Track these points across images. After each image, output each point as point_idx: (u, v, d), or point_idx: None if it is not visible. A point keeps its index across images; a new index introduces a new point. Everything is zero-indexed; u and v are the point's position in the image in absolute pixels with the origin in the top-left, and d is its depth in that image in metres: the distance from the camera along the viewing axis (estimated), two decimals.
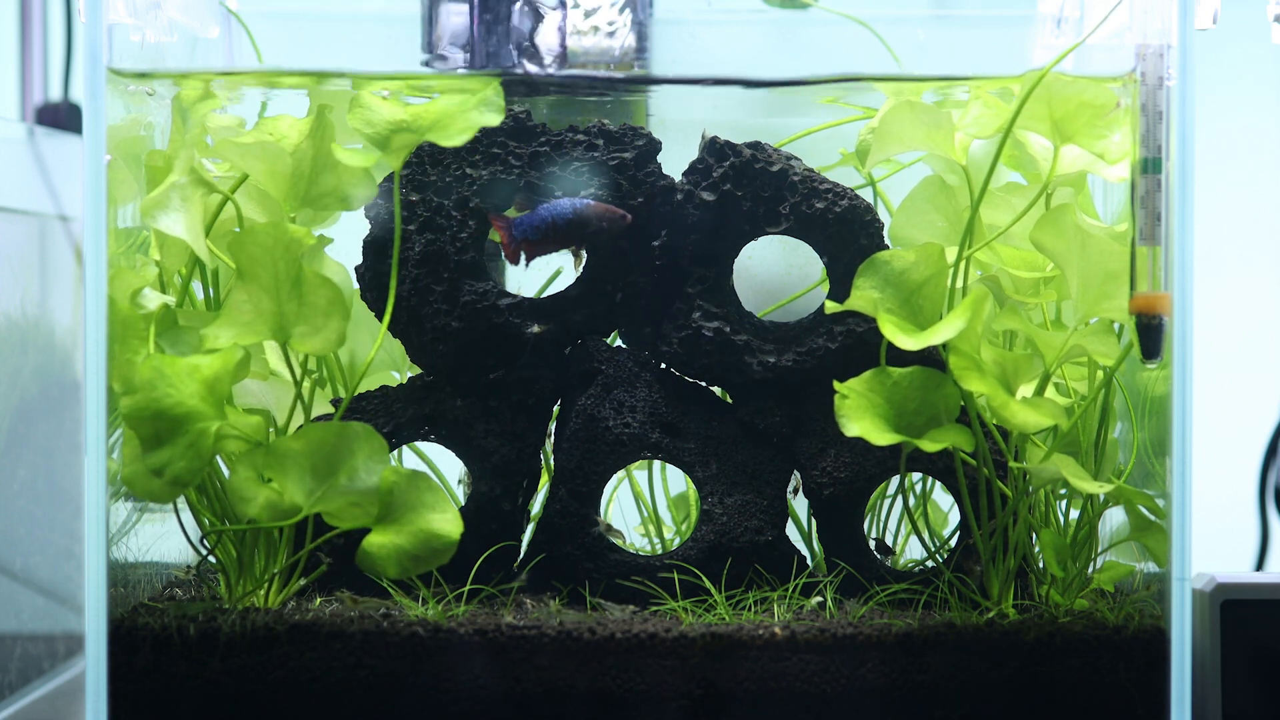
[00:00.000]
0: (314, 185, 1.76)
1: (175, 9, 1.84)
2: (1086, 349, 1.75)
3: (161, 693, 1.66)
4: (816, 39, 2.01)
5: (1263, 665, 1.75)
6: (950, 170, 1.86)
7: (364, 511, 1.66)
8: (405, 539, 1.67)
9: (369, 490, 1.66)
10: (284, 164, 1.75)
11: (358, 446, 1.67)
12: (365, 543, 1.66)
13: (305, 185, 1.76)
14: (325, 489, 1.67)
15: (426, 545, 1.67)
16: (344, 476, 1.67)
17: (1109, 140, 1.70)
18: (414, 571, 1.67)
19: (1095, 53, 1.79)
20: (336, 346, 1.69)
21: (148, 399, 1.63)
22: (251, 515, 1.66)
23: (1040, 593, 1.79)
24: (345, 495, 1.66)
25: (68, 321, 2.28)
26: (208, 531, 1.76)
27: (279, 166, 1.75)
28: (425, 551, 1.67)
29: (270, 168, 1.75)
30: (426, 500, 1.69)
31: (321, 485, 1.67)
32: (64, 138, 2.33)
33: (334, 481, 1.67)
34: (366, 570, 1.66)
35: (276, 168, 1.75)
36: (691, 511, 2.02)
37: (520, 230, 1.78)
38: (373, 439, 1.67)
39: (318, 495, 1.67)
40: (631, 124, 1.83)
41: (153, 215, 1.68)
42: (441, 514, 1.68)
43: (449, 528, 1.68)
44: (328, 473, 1.67)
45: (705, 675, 1.67)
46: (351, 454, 1.67)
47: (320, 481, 1.67)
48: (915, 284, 1.74)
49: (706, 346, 1.81)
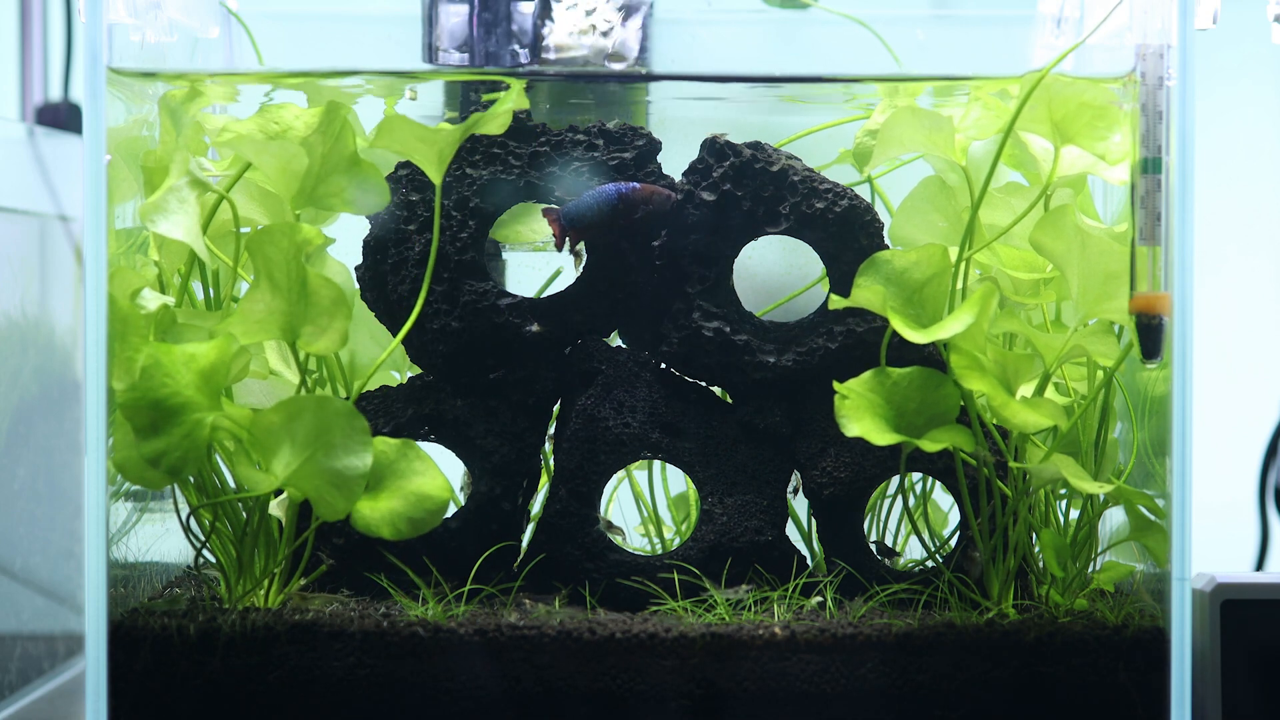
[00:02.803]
0: (322, 184, 1.75)
1: (175, 9, 1.84)
2: (1086, 349, 1.75)
3: (161, 693, 1.66)
4: (816, 39, 2.01)
5: (1263, 665, 1.75)
6: (950, 170, 1.86)
7: (348, 494, 1.67)
8: (398, 502, 1.69)
9: (354, 471, 1.67)
10: (299, 162, 1.73)
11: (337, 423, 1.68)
12: (359, 506, 1.67)
13: (314, 183, 1.75)
14: (304, 462, 1.67)
15: (419, 506, 1.69)
16: (322, 452, 1.67)
17: (1109, 141, 1.70)
18: (408, 533, 1.69)
19: (1095, 53, 1.79)
20: (339, 347, 1.69)
21: (144, 388, 1.63)
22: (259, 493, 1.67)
23: (1040, 593, 1.79)
24: (327, 473, 1.67)
25: (68, 321, 2.28)
26: (192, 512, 1.75)
27: (293, 165, 1.73)
28: (419, 513, 1.69)
29: (283, 165, 1.73)
30: (416, 468, 1.71)
31: (300, 458, 1.67)
32: (64, 138, 2.33)
33: (314, 455, 1.67)
34: (362, 531, 1.68)
35: (290, 166, 1.73)
36: (691, 511, 2.02)
37: (567, 218, 1.78)
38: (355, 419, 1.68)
39: (294, 469, 1.67)
40: (631, 124, 1.83)
41: (152, 219, 1.68)
42: (430, 478, 1.71)
43: (437, 490, 1.70)
44: (311, 446, 1.68)
45: (705, 675, 1.67)
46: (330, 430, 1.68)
47: (300, 453, 1.67)
48: (917, 283, 1.74)
49: (706, 346, 1.81)
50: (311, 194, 1.75)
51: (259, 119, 1.76)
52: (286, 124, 1.76)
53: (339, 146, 1.74)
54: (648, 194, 1.78)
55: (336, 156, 1.74)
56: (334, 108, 1.73)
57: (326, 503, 1.66)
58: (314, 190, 1.75)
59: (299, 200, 1.74)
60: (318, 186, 1.75)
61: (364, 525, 1.68)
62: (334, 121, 1.73)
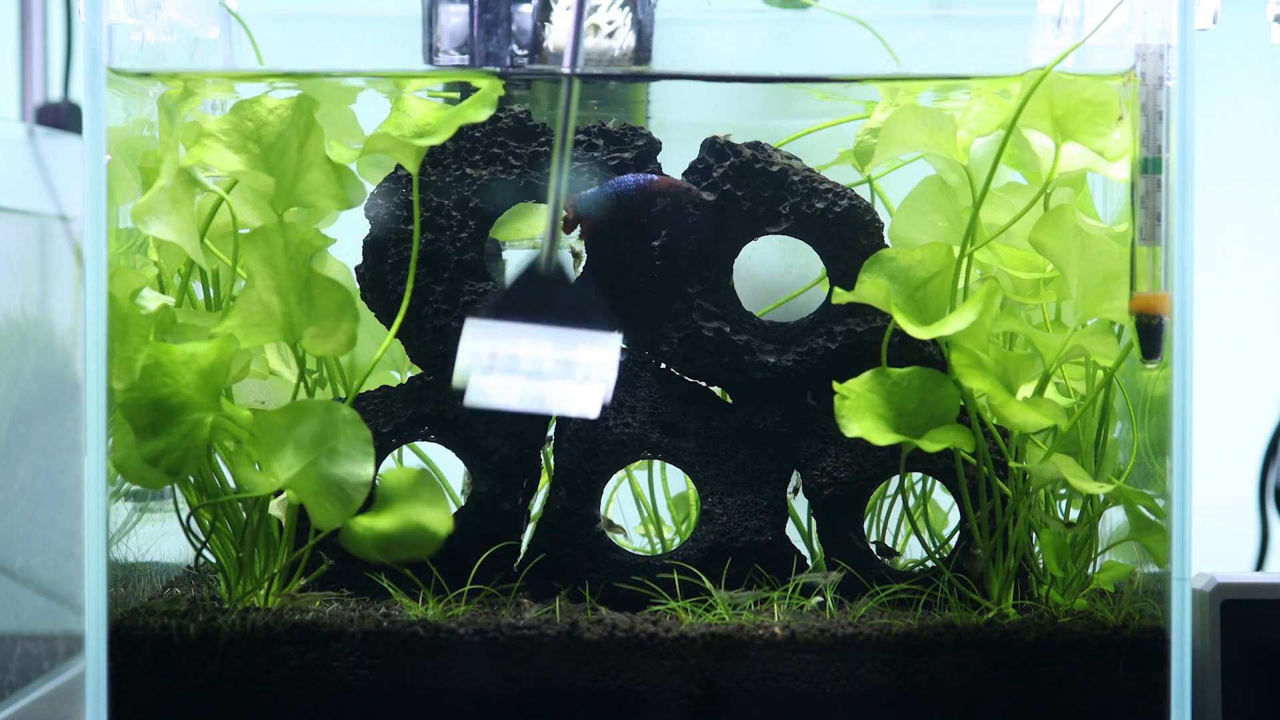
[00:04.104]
0: (301, 181, 1.73)
1: (175, 9, 1.84)
2: (1086, 349, 1.75)
3: (161, 693, 1.66)
4: (817, 39, 2.01)
5: (1263, 665, 1.75)
6: (951, 170, 1.86)
7: (346, 504, 1.66)
8: (394, 525, 1.68)
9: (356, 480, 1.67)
10: (272, 163, 1.71)
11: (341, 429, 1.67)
12: (354, 523, 1.66)
13: (292, 181, 1.73)
14: (306, 465, 1.67)
15: (413, 534, 1.68)
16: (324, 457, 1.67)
17: (1110, 138, 1.71)
18: (393, 557, 1.67)
19: (1095, 52, 1.79)
20: (348, 349, 1.69)
21: (144, 388, 1.63)
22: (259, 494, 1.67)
23: (1040, 593, 1.79)
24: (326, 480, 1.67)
25: (68, 321, 2.27)
26: (193, 512, 1.75)
27: (268, 163, 1.71)
28: (412, 540, 1.68)
29: (253, 168, 1.71)
30: (424, 496, 1.70)
31: (303, 460, 1.67)
32: (64, 138, 2.33)
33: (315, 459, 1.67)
34: (349, 548, 1.67)
35: (265, 164, 1.71)
36: (691, 511, 2.02)
37: (582, 204, 1.77)
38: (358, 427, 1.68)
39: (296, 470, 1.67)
40: (631, 124, 1.83)
41: (144, 220, 1.68)
42: (434, 511, 1.70)
43: (438, 524, 1.69)
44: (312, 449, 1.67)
45: (705, 675, 1.67)
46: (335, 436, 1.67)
47: (302, 456, 1.67)
48: (920, 280, 1.74)
49: (706, 346, 1.81)
50: (291, 192, 1.73)
51: (234, 116, 1.73)
52: (261, 120, 1.72)
53: (312, 142, 1.72)
54: (666, 186, 1.77)
55: (311, 153, 1.73)
56: (301, 102, 1.71)
57: (324, 510, 1.66)
58: (293, 188, 1.73)
59: (281, 200, 1.73)
60: (296, 184, 1.73)
61: (353, 545, 1.67)
62: (302, 116, 1.71)
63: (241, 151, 1.71)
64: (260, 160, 1.72)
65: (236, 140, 1.71)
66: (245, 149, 1.71)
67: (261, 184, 1.72)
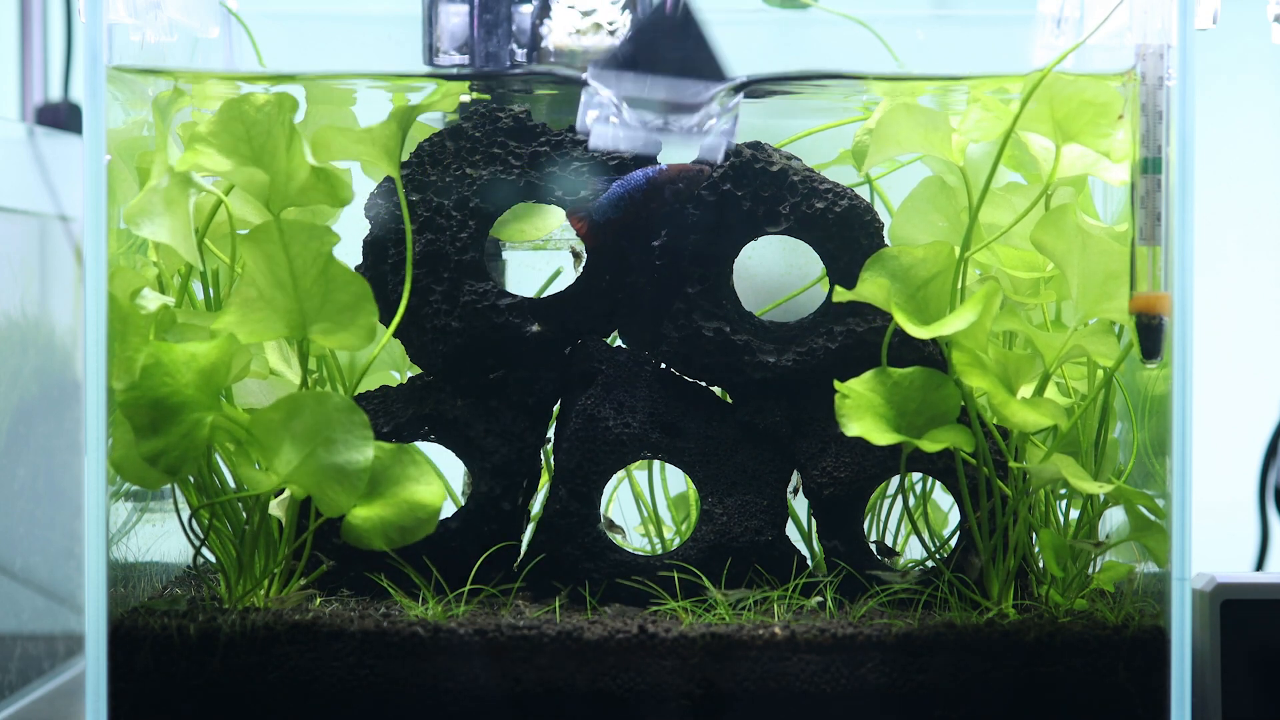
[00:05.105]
0: (292, 180, 1.71)
1: (175, 9, 1.84)
2: (1086, 349, 1.75)
3: (161, 693, 1.66)
4: (817, 39, 2.01)
5: (1263, 665, 1.75)
6: (948, 171, 1.86)
7: (350, 490, 1.67)
8: (389, 510, 1.68)
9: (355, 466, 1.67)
10: (262, 164, 1.70)
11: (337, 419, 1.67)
12: (350, 516, 1.67)
13: (285, 180, 1.71)
14: (305, 458, 1.67)
15: (411, 515, 1.68)
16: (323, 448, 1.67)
17: (1112, 139, 1.70)
18: (400, 543, 1.68)
19: (1095, 53, 1.79)
20: (368, 342, 1.69)
21: (144, 387, 1.63)
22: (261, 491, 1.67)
23: (1040, 593, 1.79)
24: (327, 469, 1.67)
25: (68, 321, 2.27)
26: (194, 513, 1.75)
27: (260, 162, 1.70)
28: (411, 521, 1.68)
29: (244, 170, 1.70)
30: (410, 474, 1.70)
31: (301, 454, 1.67)
32: (64, 138, 2.33)
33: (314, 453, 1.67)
34: (353, 543, 1.67)
35: (256, 163, 1.70)
36: (691, 511, 2.02)
37: (600, 213, 1.77)
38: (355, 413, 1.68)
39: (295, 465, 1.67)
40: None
41: (137, 222, 1.67)
42: (425, 485, 1.70)
43: (431, 497, 1.69)
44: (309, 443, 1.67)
45: (705, 675, 1.67)
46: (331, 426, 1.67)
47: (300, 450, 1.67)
48: (921, 280, 1.74)
49: (706, 346, 1.81)
50: (285, 191, 1.72)
51: (224, 115, 1.70)
52: (250, 119, 1.70)
53: (296, 142, 1.71)
54: (675, 173, 1.76)
55: (297, 152, 1.72)
56: (280, 100, 1.69)
57: (329, 499, 1.66)
58: (286, 187, 1.72)
59: (277, 200, 1.71)
60: (289, 183, 1.72)
61: (355, 537, 1.67)
62: (283, 117, 1.69)
63: (233, 154, 1.70)
64: (251, 160, 1.71)
65: (228, 142, 1.70)
66: (236, 150, 1.70)
67: (256, 180, 1.70)
